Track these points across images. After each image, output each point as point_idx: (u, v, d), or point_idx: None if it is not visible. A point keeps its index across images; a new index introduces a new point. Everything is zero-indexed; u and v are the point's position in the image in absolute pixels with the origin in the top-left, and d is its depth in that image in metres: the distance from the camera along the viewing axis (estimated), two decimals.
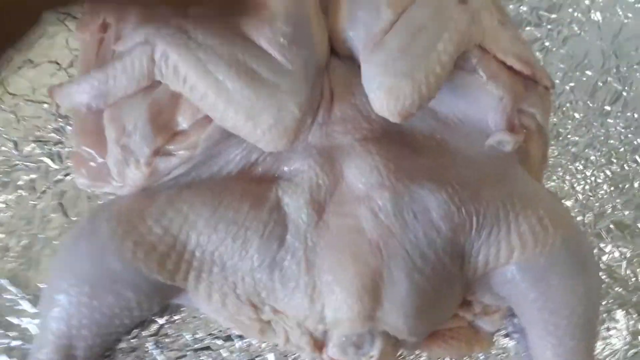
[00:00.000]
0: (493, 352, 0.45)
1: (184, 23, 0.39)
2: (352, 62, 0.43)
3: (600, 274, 0.48)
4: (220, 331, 0.44)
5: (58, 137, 0.47)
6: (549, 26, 0.54)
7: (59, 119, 0.47)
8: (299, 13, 0.40)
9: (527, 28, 0.54)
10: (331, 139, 0.42)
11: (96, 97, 0.40)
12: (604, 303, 0.47)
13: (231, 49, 0.38)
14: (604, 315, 0.47)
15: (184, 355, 0.43)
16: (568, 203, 0.50)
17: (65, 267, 0.39)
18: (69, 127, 0.47)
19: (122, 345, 0.43)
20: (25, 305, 0.44)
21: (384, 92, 0.39)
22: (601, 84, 0.53)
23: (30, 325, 0.43)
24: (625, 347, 0.46)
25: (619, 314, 0.46)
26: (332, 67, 0.44)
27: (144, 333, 0.43)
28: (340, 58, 0.44)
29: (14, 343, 0.43)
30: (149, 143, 0.40)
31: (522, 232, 0.40)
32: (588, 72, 0.53)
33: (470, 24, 0.42)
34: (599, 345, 0.46)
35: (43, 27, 0.49)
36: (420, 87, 0.39)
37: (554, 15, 0.55)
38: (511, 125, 0.43)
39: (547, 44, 0.54)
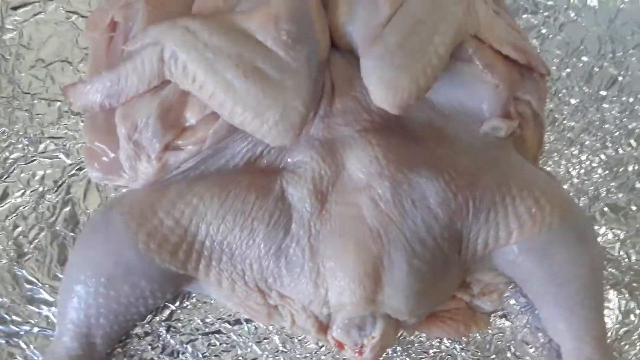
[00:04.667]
0: (490, 333, 0.46)
1: (191, 23, 0.40)
2: (351, 56, 0.44)
3: None
4: (230, 315, 0.46)
5: (71, 133, 0.49)
6: (545, 13, 0.55)
7: (72, 116, 0.49)
8: (301, 11, 0.41)
9: (524, 16, 0.55)
10: (332, 131, 0.44)
11: (109, 96, 0.42)
12: None
13: (237, 48, 0.39)
14: None
15: (196, 339, 0.46)
16: (563, 187, 0.51)
17: (83, 259, 0.41)
18: (81, 124, 0.49)
19: (137, 330, 0.45)
20: (44, 294, 0.46)
21: (382, 85, 0.40)
22: (597, 70, 0.54)
23: (50, 313, 0.45)
24: (617, 326, 0.47)
25: (612, 293, 0.48)
26: (333, 60, 0.45)
27: (157, 318, 0.46)
28: (340, 52, 0.45)
29: (35, 330, 0.45)
30: (160, 139, 0.42)
31: (520, 214, 0.41)
32: (584, 58, 0.54)
33: (467, 16, 0.42)
34: None
35: (52, 26, 0.51)
36: (417, 79, 0.40)
37: (550, 2, 0.55)
38: (506, 113, 0.44)
39: (543, 31, 0.55)
